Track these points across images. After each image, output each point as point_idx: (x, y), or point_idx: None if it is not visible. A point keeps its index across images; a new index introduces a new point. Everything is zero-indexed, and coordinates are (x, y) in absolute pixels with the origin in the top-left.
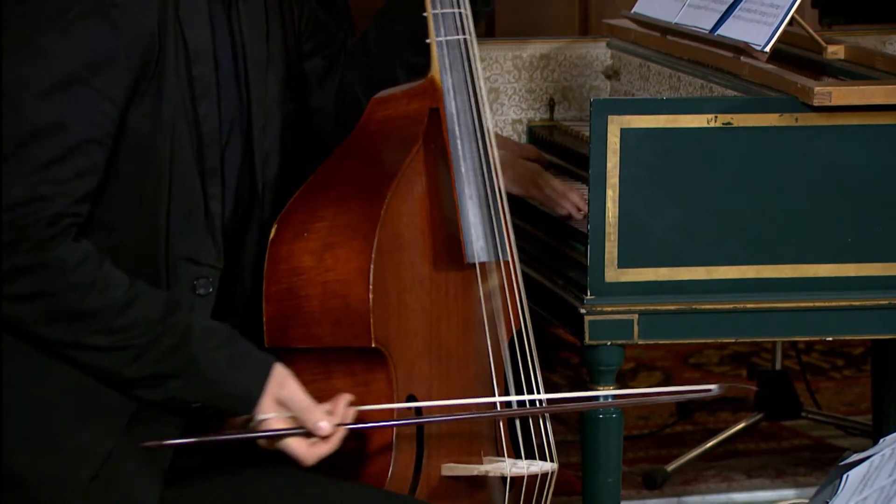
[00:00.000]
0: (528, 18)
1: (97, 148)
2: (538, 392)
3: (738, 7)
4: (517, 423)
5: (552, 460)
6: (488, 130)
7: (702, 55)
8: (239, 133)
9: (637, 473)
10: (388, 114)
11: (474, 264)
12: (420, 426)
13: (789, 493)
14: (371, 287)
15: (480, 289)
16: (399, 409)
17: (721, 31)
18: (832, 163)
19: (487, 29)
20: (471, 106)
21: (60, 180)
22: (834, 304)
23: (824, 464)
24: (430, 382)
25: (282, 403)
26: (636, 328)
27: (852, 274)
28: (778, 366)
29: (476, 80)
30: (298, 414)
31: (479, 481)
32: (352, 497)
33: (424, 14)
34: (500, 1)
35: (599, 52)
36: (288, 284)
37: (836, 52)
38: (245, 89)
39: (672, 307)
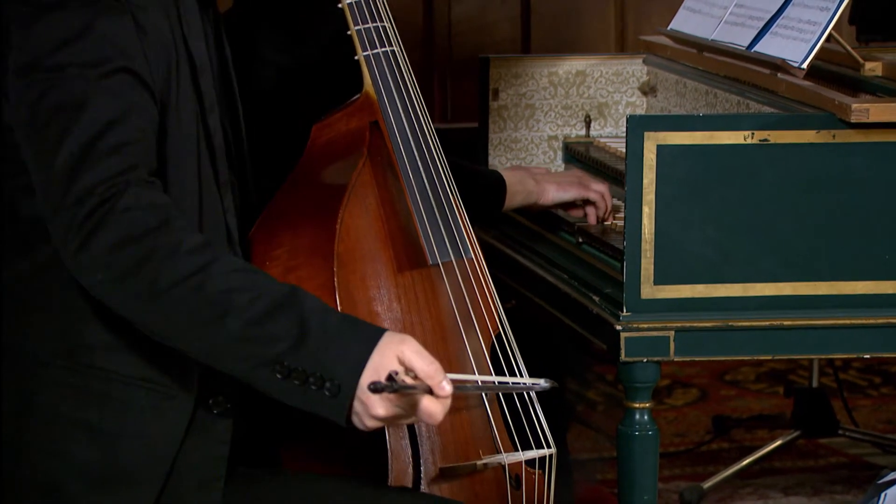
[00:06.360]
0: (564, 35)
1: (148, 115)
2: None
3: (776, 24)
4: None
5: (549, 446)
6: (431, 133)
7: (738, 72)
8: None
9: (673, 491)
10: (330, 136)
11: (438, 265)
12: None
13: None
14: (338, 300)
15: (449, 289)
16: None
17: (758, 48)
18: (870, 179)
19: (523, 45)
20: (409, 112)
21: (123, 144)
22: (871, 321)
23: (861, 482)
24: None
25: (404, 361)
26: (672, 345)
27: (890, 291)
28: (815, 383)
29: (410, 87)
30: (425, 369)
31: (487, 485)
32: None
33: (349, 32)
34: (537, 17)
35: (636, 68)
36: None
37: (873, 68)
38: (234, 100)
39: (708, 324)
